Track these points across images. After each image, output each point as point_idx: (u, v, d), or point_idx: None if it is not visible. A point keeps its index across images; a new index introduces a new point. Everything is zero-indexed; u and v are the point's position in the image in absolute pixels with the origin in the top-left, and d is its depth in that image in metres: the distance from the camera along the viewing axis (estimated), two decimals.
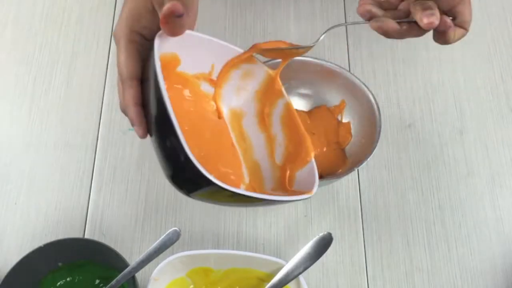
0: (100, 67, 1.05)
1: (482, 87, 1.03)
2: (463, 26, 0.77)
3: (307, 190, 0.71)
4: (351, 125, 0.95)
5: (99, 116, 1.00)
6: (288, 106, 0.79)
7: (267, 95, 0.81)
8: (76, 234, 0.92)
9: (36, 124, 1.00)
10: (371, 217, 0.93)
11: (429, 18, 0.73)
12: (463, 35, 0.77)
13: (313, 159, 0.75)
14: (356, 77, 0.92)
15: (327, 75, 0.93)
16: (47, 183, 0.95)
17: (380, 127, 0.88)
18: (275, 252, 0.91)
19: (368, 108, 0.91)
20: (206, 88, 0.81)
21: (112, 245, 0.81)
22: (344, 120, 0.96)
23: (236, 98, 0.82)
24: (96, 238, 0.91)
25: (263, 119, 0.82)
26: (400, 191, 0.95)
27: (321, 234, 0.82)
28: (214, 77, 0.80)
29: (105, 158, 0.97)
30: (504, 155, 0.98)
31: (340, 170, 0.92)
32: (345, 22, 0.77)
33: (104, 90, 1.02)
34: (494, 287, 0.89)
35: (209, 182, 0.61)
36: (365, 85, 0.91)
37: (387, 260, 0.91)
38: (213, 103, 0.82)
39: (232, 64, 0.80)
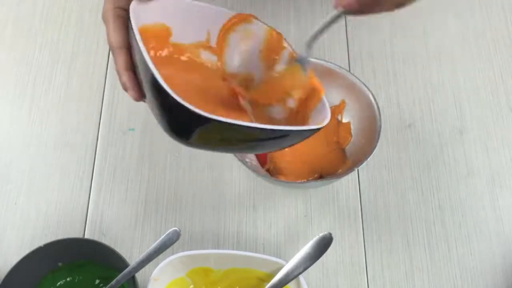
0: (100, 67, 1.05)
1: (482, 87, 1.03)
2: None
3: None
4: (351, 125, 0.95)
5: (99, 116, 1.00)
6: (292, 56, 0.78)
7: (271, 51, 0.80)
8: (76, 234, 0.92)
9: (36, 124, 1.00)
10: (371, 217, 0.93)
11: None
12: None
13: (324, 97, 0.74)
14: (356, 77, 0.92)
15: (327, 75, 0.93)
16: (47, 183, 0.95)
17: (380, 127, 0.88)
18: (275, 252, 0.91)
19: (368, 108, 0.91)
20: (207, 56, 0.80)
21: (112, 245, 0.81)
22: (344, 120, 0.96)
23: (241, 61, 0.81)
24: (96, 238, 0.91)
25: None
26: (400, 191, 0.95)
27: (321, 234, 0.82)
28: (212, 44, 0.80)
29: (105, 158, 0.97)
30: (504, 155, 0.98)
31: (340, 170, 0.92)
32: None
33: (104, 90, 1.02)
34: (494, 287, 0.89)
35: (202, 118, 0.61)
36: (365, 85, 0.91)
37: (387, 260, 0.91)
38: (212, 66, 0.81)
39: (228, 28, 0.79)
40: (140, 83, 0.68)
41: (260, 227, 0.93)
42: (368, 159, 0.85)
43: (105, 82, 1.03)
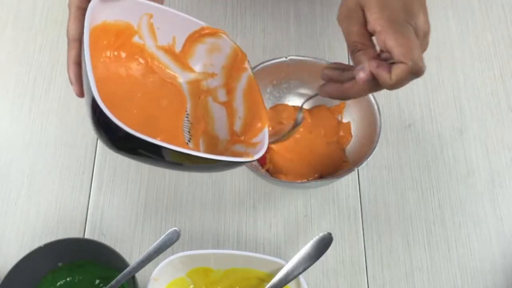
0: None
1: (482, 87, 1.03)
2: (400, 60, 0.65)
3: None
4: (351, 125, 0.95)
5: None
6: (250, 80, 0.79)
7: (233, 70, 0.81)
8: (76, 234, 0.92)
9: (36, 124, 1.00)
10: (371, 217, 0.93)
11: (359, 73, 0.68)
12: (403, 71, 0.66)
13: (266, 128, 0.76)
14: None
15: None
16: (47, 183, 0.95)
17: (380, 127, 0.88)
18: (275, 252, 0.91)
19: (368, 108, 0.91)
20: (166, 60, 0.82)
21: (112, 245, 0.81)
22: (344, 120, 0.96)
23: (203, 72, 0.83)
24: (96, 238, 0.91)
25: (228, 93, 0.82)
26: (400, 191, 0.95)
27: (321, 234, 0.82)
28: (177, 49, 0.81)
29: (105, 158, 0.97)
30: (504, 155, 0.98)
31: (340, 170, 0.92)
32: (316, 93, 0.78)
33: None
34: (494, 287, 0.89)
35: (118, 129, 0.62)
36: None
37: (387, 260, 0.91)
38: (170, 71, 0.83)
39: (197, 37, 0.80)
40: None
41: (260, 227, 0.93)
42: (368, 159, 0.85)
43: None
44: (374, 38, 0.70)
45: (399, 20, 0.67)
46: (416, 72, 0.67)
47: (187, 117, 0.83)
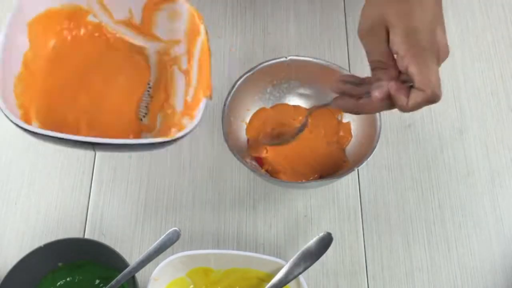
0: None
1: (482, 87, 1.03)
2: (420, 88, 0.68)
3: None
4: (351, 125, 0.95)
5: None
6: (203, 45, 0.78)
7: (192, 35, 0.80)
8: (76, 234, 0.92)
9: None
10: (371, 217, 0.93)
11: (375, 92, 0.70)
12: (421, 99, 0.68)
13: (204, 100, 0.75)
14: None
15: (327, 75, 0.93)
16: (47, 183, 0.95)
17: (380, 127, 0.88)
18: (275, 252, 0.91)
19: None
20: (130, 34, 0.83)
21: (112, 245, 0.81)
22: (344, 120, 0.96)
23: (169, 40, 0.83)
24: (96, 238, 0.91)
25: (188, 61, 0.81)
26: (400, 191, 0.95)
27: (321, 234, 0.82)
28: (137, 21, 0.81)
29: (105, 158, 0.97)
30: (504, 155, 0.98)
31: (340, 170, 0.92)
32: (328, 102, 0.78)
33: None
34: (494, 287, 0.89)
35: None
36: None
37: (387, 260, 0.91)
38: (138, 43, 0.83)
39: (152, 6, 0.80)
40: None
41: (260, 227, 0.93)
42: (368, 159, 0.85)
43: None
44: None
45: (423, 47, 0.68)
46: (433, 100, 0.69)
47: (148, 91, 0.83)
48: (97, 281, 0.86)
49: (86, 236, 0.91)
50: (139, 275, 0.80)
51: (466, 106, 1.02)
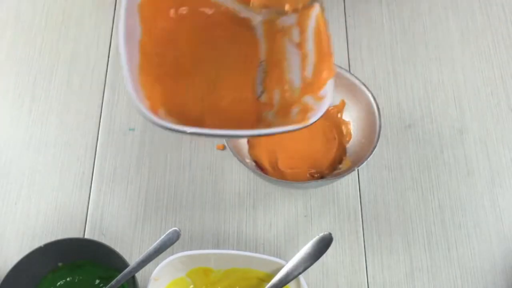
0: (100, 67, 1.05)
1: (482, 87, 1.03)
2: None
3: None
4: (351, 125, 0.95)
5: (99, 116, 1.00)
6: (318, 19, 0.74)
7: (303, 6, 0.75)
8: (76, 234, 0.92)
9: (36, 124, 1.00)
10: (371, 217, 0.93)
11: None
12: None
13: (331, 80, 0.72)
14: (356, 77, 0.92)
15: None
16: (47, 183, 0.95)
17: (380, 127, 0.88)
18: (275, 252, 0.91)
19: (368, 108, 0.91)
20: (234, 5, 0.78)
21: (112, 245, 0.81)
22: (344, 119, 0.96)
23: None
24: (96, 238, 0.91)
25: (301, 33, 0.77)
26: (400, 191, 0.95)
27: (321, 234, 0.82)
28: None
29: (105, 158, 0.97)
30: (504, 155, 0.98)
31: (340, 166, 0.92)
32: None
33: (104, 90, 1.02)
34: (494, 287, 0.89)
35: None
36: (365, 85, 0.91)
37: (387, 260, 0.91)
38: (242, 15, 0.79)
39: None
40: None
41: (260, 227, 0.93)
42: (368, 159, 0.85)
43: (105, 82, 1.03)
44: None
45: None
46: None
47: (261, 65, 0.79)
48: (97, 281, 0.86)
49: (86, 236, 0.91)
50: (139, 275, 0.81)
51: (466, 106, 1.02)
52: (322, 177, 0.92)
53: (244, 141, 0.95)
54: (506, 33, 1.08)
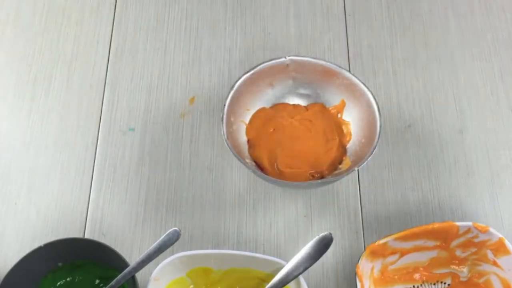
0: (100, 67, 1.04)
1: (482, 87, 1.03)
2: None
3: None
4: (351, 125, 0.95)
5: (99, 116, 1.00)
6: None
7: None
8: (76, 234, 0.92)
9: (36, 124, 0.99)
10: (371, 217, 0.93)
11: None
12: None
13: None
14: (356, 77, 0.92)
15: (327, 75, 0.93)
16: (47, 183, 0.95)
17: (380, 127, 0.88)
18: (275, 252, 0.91)
19: (368, 108, 0.91)
20: None
21: (112, 245, 0.81)
22: (344, 119, 0.96)
23: None
24: (96, 238, 0.91)
25: None
26: (400, 191, 0.95)
27: (321, 234, 0.82)
28: None
29: (105, 158, 0.97)
30: (504, 155, 0.98)
31: (340, 166, 0.92)
32: None
33: (104, 90, 1.02)
34: None
35: None
36: (365, 85, 0.91)
37: None
38: None
39: None
40: None
41: (260, 227, 0.93)
42: (368, 159, 0.85)
43: (105, 82, 1.03)
44: None
45: None
46: None
47: None
48: (97, 281, 0.86)
49: (86, 236, 0.91)
50: (139, 275, 0.80)
51: (466, 106, 1.02)
52: (322, 177, 0.92)
53: (244, 141, 0.94)
54: (506, 33, 1.08)
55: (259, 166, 0.93)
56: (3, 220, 0.92)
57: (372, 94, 0.90)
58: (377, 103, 0.89)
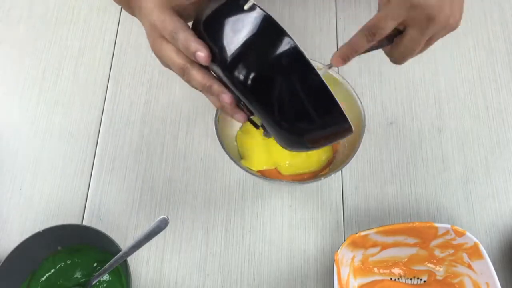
0: (105, 62, 1.03)
1: (461, 88, 1.01)
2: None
3: None
4: None
5: (102, 108, 0.99)
6: None
7: None
8: (75, 218, 0.90)
9: (43, 114, 0.98)
10: (352, 208, 0.91)
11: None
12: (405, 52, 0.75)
13: None
14: (343, 78, 0.89)
15: None
16: (50, 171, 0.94)
17: (364, 127, 0.86)
18: (260, 239, 0.89)
19: (353, 107, 0.88)
20: None
21: (108, 229, 0.81)
22: None
23: None
24: (93, 222, 0.90)
25: None
26: (380, 184, 0.93)
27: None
28: None
29: (105, 148, 0.95)
30: (479, 152, 0.96)
31: (329, 168, 0.90)
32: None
33: (107, 84, 1.01)
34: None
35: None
36: (351, 85, 0.89)
37: None
38: None
39: None
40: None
41: (248, 216, 0.91)
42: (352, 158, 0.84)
43: (109, 77, 1.01)
44: None
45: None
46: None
47: None
48: (95, 264, 0.85)
49: (85, 221, 0.90)
50: (132, 258, 0.81)
51: (445, 105, 0.99)
52: (317, 176, 0.90)
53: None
54: (486, 38, 1.06)
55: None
56: (7, 205, 0.91)
57: (356, 93, 0.87)
58: (361, 102, 0.87)
